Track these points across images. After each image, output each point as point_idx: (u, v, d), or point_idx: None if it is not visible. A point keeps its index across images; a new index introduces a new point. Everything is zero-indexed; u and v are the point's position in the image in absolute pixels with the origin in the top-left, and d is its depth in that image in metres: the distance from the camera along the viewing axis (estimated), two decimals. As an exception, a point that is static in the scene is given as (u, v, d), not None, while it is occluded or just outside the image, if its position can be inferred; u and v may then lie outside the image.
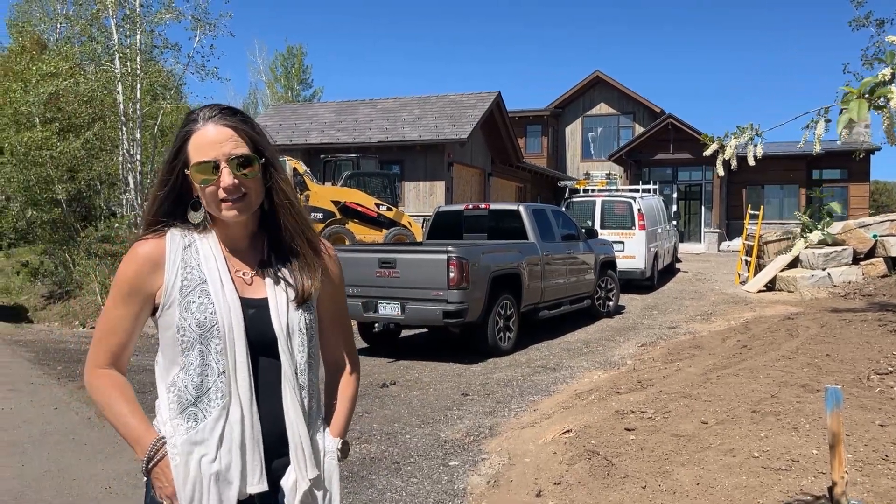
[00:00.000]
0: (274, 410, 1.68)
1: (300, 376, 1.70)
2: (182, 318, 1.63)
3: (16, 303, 17.81)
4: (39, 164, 16.16)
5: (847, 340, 7.63)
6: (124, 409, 1.68)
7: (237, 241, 1.74)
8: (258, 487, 1.65)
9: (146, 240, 1.71)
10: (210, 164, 1.62)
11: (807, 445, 4.38)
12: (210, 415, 1.62)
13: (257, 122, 1.79)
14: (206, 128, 1.64)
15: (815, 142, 3.89)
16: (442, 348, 9.57)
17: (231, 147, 1.63)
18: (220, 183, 1.62)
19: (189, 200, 1.71)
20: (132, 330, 1.71)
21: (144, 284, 1.68)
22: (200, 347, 1.63)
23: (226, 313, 1.64)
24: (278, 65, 45.07)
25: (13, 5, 35.83)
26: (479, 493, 4.44)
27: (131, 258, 1.70)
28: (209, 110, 1.67)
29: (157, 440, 1.65)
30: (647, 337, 9.93)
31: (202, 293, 1.65)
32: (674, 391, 5.94)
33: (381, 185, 17.85)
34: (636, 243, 14.73)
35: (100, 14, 17.24)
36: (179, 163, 1.67)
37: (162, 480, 1.64)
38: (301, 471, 1.68)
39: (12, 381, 7.63)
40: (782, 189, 28.28)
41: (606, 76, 32.48)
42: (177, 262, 1.67)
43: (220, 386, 1.63)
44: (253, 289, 1.71)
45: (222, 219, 1.68)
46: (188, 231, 1.72)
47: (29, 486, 4.57)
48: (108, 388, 1.70)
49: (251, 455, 1.64)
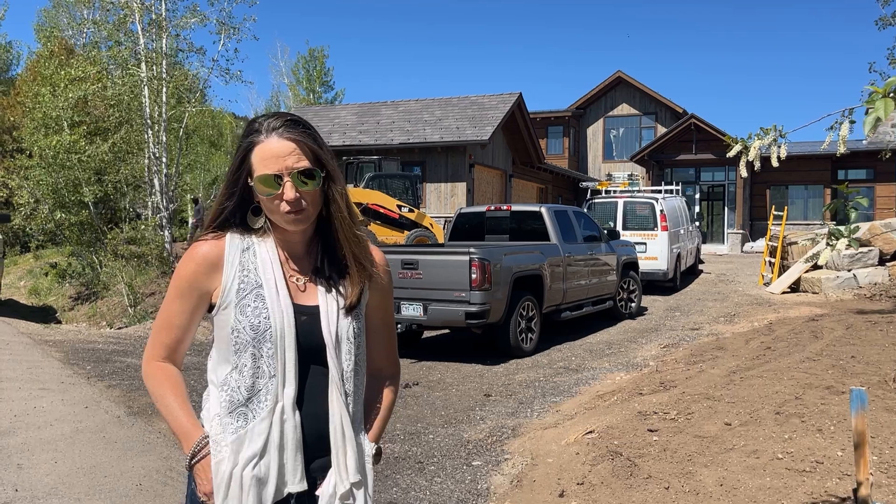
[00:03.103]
0: (318, 414, 1.72)
1: (346, 383, 1.73)
2: (237, 321, 1.68)
3: (44, 303, 18.11)
4: (68, 167, 16.42)
5: (872, 342, 7.56)
6: (174, 403, 1.74)
7: (294, 247, 1.78)
8: (297, 487, 1.69)
9: (205, 240, 1.76)
10: (273, 177, 1.65)
11: (831, 447, 4.36)
12: (258, 415, 1.67)
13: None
14: (269, 140, 1.67)
15: (840, 143, 3.89)
16: (464, 349, 9.61)
17: (294, 161, 1.66)
18: (283, 196, 1.65)
19: (250, 205, 1.76)
20: (188, 325, 1.77)
21: (201, 283, 1.73)
22: (253, 350, 1.67)
23: (279, 319, 1.68)
24: (300, 67, 45.37)
25: (41, 11, 36.36)
26: (502, 492, 4.48)
27: (190, 257, 1.75)
28: (273, 121, 1.70)
29: (202, 438, 1.71)
30: (669, 338, 9.90)
31: (258, 297, 1.69)
32: (697, 392, 5.94)
33: (403, 187, 17.92)
34: (658, 244, 14.68)
35: (126, 19, 17.48)
36: (243, 172, 1.71)
37: (202, 477, 1.70)
38: (341, 473, 1.72)
39: (43, 381, 7.78)
40: (807, 189, 27.98)
41: (628, 76, 32.36)
42: (235, 264, 1.72)
43: (270, 388, 1.67)
44: (306, 295, 1.75)
45: (285, 229, 1.72)
46: (247, 234, 1.77)
47: (62, 482, 4.68)
48: (162, 380, 1.76)
49: (292, 455, 1.68)
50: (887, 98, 3.15)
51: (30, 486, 4.60)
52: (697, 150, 27.31)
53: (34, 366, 8.65)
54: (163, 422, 6.22)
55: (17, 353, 9.59)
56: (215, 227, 1.78)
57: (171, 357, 1.79)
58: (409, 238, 16.24)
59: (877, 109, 3.10)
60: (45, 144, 16.39)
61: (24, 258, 25.37)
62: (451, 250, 8.82)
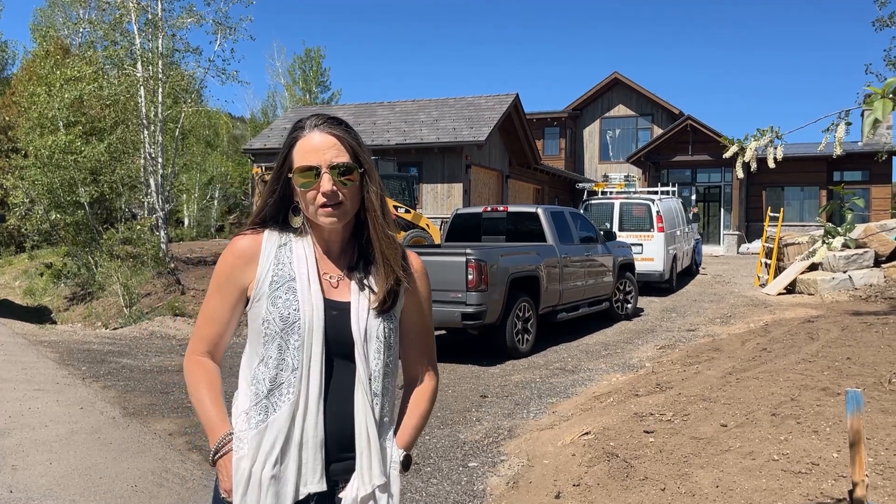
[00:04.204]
0: (343, 413, 1.70)
1: (374, 382, 1.73)
2: (268, 311, 1.70)
3: (40, 304, 18.06)
4: (63, 168, 16.38)
5: (868, 344, 7.57)
6: (206, 398, 1.75)
7: (331, 245, 1.80)
8: (316, 487, 1.67)
9: (245, 235, 1.79)
10: (312, 170, 1.69)
11: (827, 449, 4.37)
12: (279, 409, 1.67)
13: (276, 124, 1.85)
14: (311, 135, 1.72)
15: (836, 144, 3.89)
16: (460, 350, 9.60)
17: (333, 155, 1.70)
18: (320, 188, 1.68)
19: (291, 204, 1.78)
20: (228, 320, 1.78)
21: (239, 276, 1.75)
22: (280, 341, 1.68)
23: (308, 311, 1.69)
24: (296, 67, 45.30)
25: (37, 10, 36.28)
26: (498, 493, 4.48)
27: (230, 251, 1.78)
28: (316, 119, 1.75)
29: (226, 434, 1.71)
30: (665, 339, 9.91)
31: (289, 290, 1.71)
32: (693, 394, 5.94)
33: (400, 188, 17.91)
34: (655, 245, 14.69)
35: (122, 19, 17.45)
36: (286, 168, 1.74)
37: (223, 473, 1.70)
38: (364, 476, 1.70)
39: (38, 381, 7.76)
40: (802, 191, 28.05)
41: (625, 77, 32.41)
42: (270, 257, 1.74)
43: (292, 381, 1.67)
44: (338, 292, 1.76)
45: (319, 224, 1.74)
46: (286, 232, 1.79)
47: (57, 484, 4.66)
48: (198, 375, 1.78)
49: (312, 454, 1.66)
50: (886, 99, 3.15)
51: (24, 487, 4.58)
52: (694, 152, 27.36)
53: (29, 367, 8.63)
54: (158, 422, 6.21)
55: (12, 353, 9.56)
56: (257, 223, 1.81)
57: (211, 352, 1.80)
58: (406, 239, 16.23)
59: (875, 110, 3.10)
60: (40, 144, 16.35)
61: (20, 258, 25.32)
62: (447, 251, 8.82)
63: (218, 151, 37.36)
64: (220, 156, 36.90)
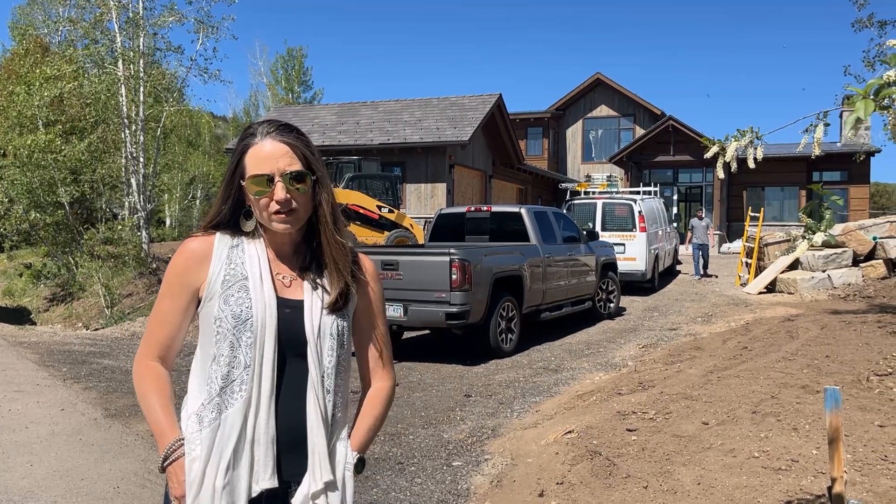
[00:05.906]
0: (295, 412, 1.71)
1: (326, 380, 1.74)
2: (220, 310, 1.70)
3: (19, 305, 17.87)
4: (43, 167, 16.22)
5: (847, 342, 7.67)
6: (156, 404, 1.74)
7: (282, 248, 1.81)
8: (268, 483, 1.67)
9: (196, 237, 1.79)
10: (265, 178, 1.70)
11: (806, 446, 4.43)
12: (232, 406, 1.67)
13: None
14: (263, 142, 1.73)
15: (815, 145, 3.94)
16: (444, 350, 9.62)
17: (286, 163, 1.71)
18: (274, 196, 1.69)
19: (243, 209, 1.80)
20: (180, 323, 1.78)
21: (191, 277, 1.75)
22: (232, 339, 1.68)
23: (261, 308, 1.70)
24: (279, 67, 45.17)
25: (15, 8, 35.85)
26: (482, 492, 4.49)
27: (181, 252, 1.78)
28: (267, 126, 1.76)
29: (176, 440, 1.70)
30: (647, 338, 9.98)
31: (242, 288, 1.72)
32: (675, 392, 5.99)
33: (383, 188, 17.90)
34: (637, 245, 14.79)
35: (103, 17, 17.30)
36: (238, 175, 1.75)
37: (173, 481, 1.69)
38: (316, 473, 1.71)
39: (18, 383, 7.68)
40: (783, 191, 28.33)
41: (607, 78, 32.56)
42: (222, 258, 1.75)
43: (245, 378, 1.68)
44: (291, 291, 1.78)
45: (272, 229, 1.75)
46: (238, 235, 1.81)
47: (38, 486, 4.63)
48: (147, 380, 1.77)
49: (264, 451, 1.67)
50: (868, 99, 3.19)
51: (5, 489, 4.54)
52: (675, 152, 27.55)
53: (9, 368, 8.54)
54: (141, 423, 6.17)
55: (-10, 355, 9.45)
56: (209, 227, 1.82)
57: (162, 356, 1.80)
58: (389, 239, 16.22)
59: (857, 110, 3.14)
60: (19, 144, 16.17)
61: (-2, 259, 25.01)
62: (431, 251, 8.83)
63: (200, 151, 37.15)
64: (202, 155, 36.69)
